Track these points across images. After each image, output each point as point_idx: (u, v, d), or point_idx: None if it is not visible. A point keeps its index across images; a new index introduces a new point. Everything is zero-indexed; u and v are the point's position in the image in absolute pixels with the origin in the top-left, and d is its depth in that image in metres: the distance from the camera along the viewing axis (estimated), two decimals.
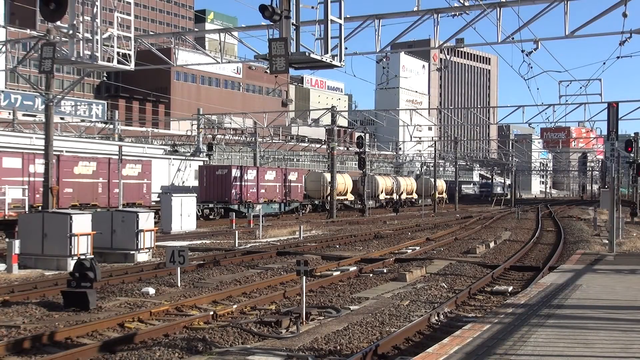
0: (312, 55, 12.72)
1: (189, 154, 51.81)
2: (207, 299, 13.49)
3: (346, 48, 14.56)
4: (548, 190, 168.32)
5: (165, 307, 12.39)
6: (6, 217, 27.59)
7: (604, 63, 61.89)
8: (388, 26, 27.58)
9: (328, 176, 51.11)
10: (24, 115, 59.17)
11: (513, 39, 21.51)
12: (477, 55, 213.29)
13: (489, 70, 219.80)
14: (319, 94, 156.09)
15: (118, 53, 18.00)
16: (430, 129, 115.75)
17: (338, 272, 17.48)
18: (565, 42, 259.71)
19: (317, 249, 24.42)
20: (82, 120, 64.52)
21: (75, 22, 16.97)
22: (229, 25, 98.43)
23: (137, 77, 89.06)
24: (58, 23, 16.88)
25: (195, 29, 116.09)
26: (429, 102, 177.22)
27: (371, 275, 17.46)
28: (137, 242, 19.75)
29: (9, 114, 55.30)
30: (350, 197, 59.34)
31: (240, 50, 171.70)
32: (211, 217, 41.73)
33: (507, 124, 73.94)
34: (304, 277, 11.53)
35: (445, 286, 15.64)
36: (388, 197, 67.27)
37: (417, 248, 24.45)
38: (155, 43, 42.04)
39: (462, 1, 19.84)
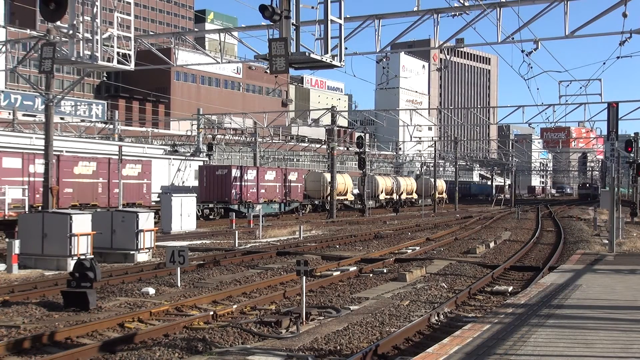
0: (312, 55, 12.71)
1: (189, 154, 51.79)
2: (207, 299, 13.49)
3: (346, 48, 14.57)
4: (549, 191, 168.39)
5: (165, 307, 12.39)
6: (6, 217, 27.59)
7: (604, 63, 62.01)
8: (388, 26, 27.61)
9: (328, 176, 51.11)
10: (24, 115, 59.17)
11: (513, 39, 21.51)
12: (477, 55, 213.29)
13: (489, 70, 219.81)
14: (319, 94, 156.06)
15: (118, 53, 18.00)
16: (430, 129, 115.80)
17: (338, 272, 17.48)
18: (565, 42, 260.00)
19: (317, 249, 24.42)
20: (82, 120, 64.52)
21: (75, 22, 16.97)
22: (229, 25, 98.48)
23: (137, 77, 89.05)
24: (58, 23, 16.88)
25: (195, 29, 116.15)
26: (429, 102, 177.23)
27: (371, 275, 17.46)
28: (137, 242, 19.74)
29: (9, 114, 55.30)
30: (350, 197, 59.35)
31: (240, 50, 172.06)
32: (211, 217, 41.73)
33: (507, 124, 73.90)
34: (304, 277, 11.53)
35: (445, 286, 15.64)
36: (388, 197, 67.26)
37: (417, 248, 24.45)
38: (155, 43, 42.06)
39: (462, 1, 19.83)
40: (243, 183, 43.78)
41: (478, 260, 20.84)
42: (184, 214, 31.48)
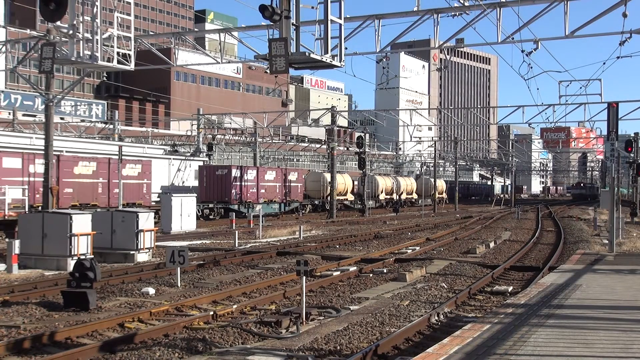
0: (312, 55, 12.71)
1: (189, 154, 51.80)
2: (207, 299, 13.49)
3: (346, 48, 14.57)
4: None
5: (165, 307, 12.39)
6: (6, 217, 27.59)
7: (604, 63, 62.04)
8: (388, 26, 27.63)
9: (328, 176, 51.11)
10: (24, 115, 59.18)
11: (513, 39, 21.51)
12: (477, 55, 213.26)
13: (489, 70, 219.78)
14: (319, 94, 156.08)
15: (118, 53, 18.00)
16: (430, 129, 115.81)
17: (338, 272, 17.48)
18: (565, 42, 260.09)
19: (317, 249, 24.42)
20: (82, 120, 64.53)
21: (75, 22, 16.97)
22: (229, 25, 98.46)
23: (137, 77, 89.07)
24: (58, 23, 16.88)
25: (195, 29, 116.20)
26: (429, 102, 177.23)
27: (371, 275, 17.46)
28: (137, 242, 19.74)
29: (9, 114, 55.32)
30: (350, 197, 59.34)
31: (240, 50, 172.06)
32: (211, 217, 41.73)
33: (507, 124, 73.92)
34: (304, 277, 11.53)
35: (445, 286, 15.64)
36: (388, 197, 67.26)
37: (417, 248, 24.45)
38: (155, 43, 42.06)
39: (462, 1, 19.83)
40: (243, 183, 43.78)
41: (478, 260, 20.84)
42: (184, 214, 31.48)
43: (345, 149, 68.29)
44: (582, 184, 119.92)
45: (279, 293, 14.03)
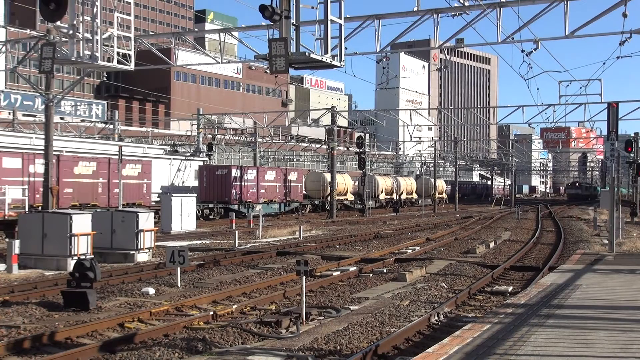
0: (312, 55, 12.72)
1: (189, 154, 51.80)
2: (207, 299, 13.49)
3: (346, 48, 14.58)
4: (548, 190, 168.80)
5: (165, 307, 12.39)
6: (6, 217, 27.58)
7: (604, 63, 62.07)
8: (388, 26, 27.62)
9: (328, 176, 51.11)
10: (24, 115, 59.15)
11: (513, 39, 21.52)
12: (477, 55, 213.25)
13: (489, 70, 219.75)
14: (319, 94, 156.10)
15: (118, 53, 18.00)
16: (430, 129, 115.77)
17: (338, 272, 17.48)
18: (565, 42, 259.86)
19: (317, 249, 24.41)
20: (82, 120, 64.50)
21: (75, 22, 16.99)
22: (229, 25, 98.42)
23: (137, 77, 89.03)
24: (58, 23, 16.89)
25: (195, 29, 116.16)
26: (429, 102, 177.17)
27: (371, 275, 17.46)
28: (137, 242, 19.74)
29: (9, 114, 55.29)
30: (350, 197, 59.34)
31: (240, 50, 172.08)
32: (211, 217, 41.73)
33: (507, 124, 73.93)
34: (304, 277, 11.54)
35: (445, 286, 15.64)
36: (388, 197, 67.26)
37: (417, 248, 24.45)
38: (155, 43, 42.04)
39: (462, 1, 19.83)
40: (243, 183, 43.78)
41: (478, 260, 20.84)
42: (184, 214, 31.47)
43: (345, 149, 68.28)
44: (577, 184, 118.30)
45: (279, 293, 14.03)
